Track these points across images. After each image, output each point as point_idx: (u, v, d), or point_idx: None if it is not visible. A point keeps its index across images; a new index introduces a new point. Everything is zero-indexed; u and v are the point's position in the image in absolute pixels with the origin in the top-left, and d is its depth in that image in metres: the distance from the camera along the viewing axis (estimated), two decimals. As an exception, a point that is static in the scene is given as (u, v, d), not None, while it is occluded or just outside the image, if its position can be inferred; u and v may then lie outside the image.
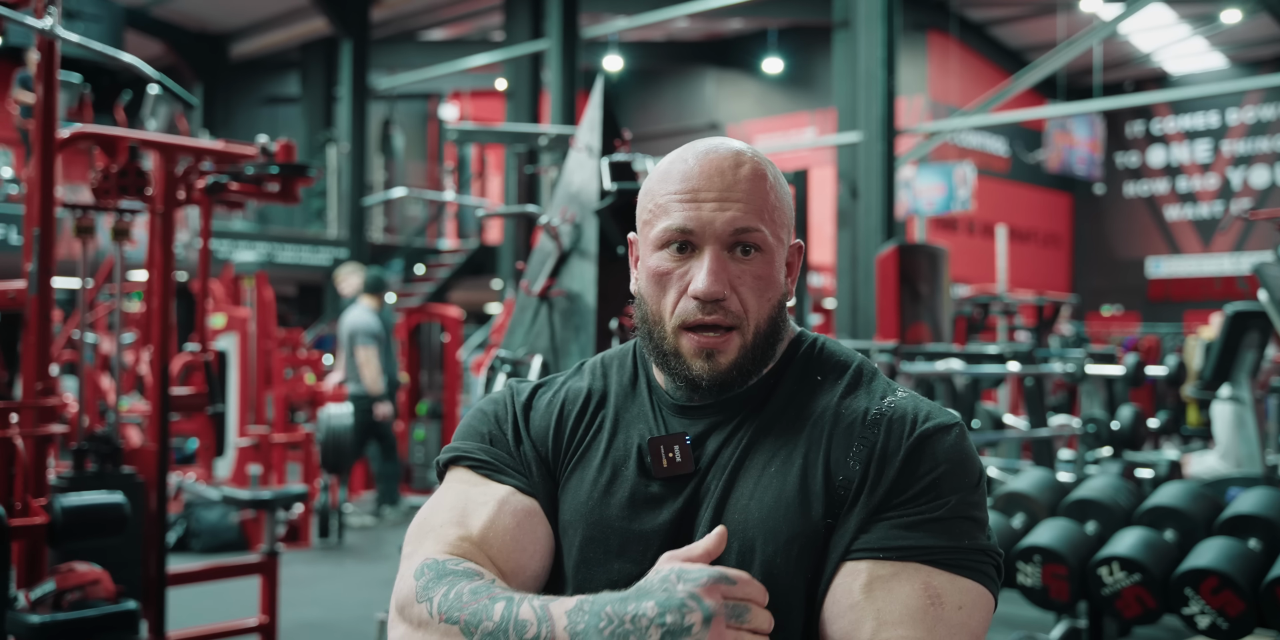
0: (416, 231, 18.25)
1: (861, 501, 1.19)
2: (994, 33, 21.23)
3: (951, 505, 1.19)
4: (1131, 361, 5.57)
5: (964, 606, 1.16)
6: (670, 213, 1.26)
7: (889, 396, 1.27)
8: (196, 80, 19.42)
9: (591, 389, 1.39)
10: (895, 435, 1.22)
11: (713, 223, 1.24)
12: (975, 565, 1.18)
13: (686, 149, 1.32)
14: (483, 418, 1.39)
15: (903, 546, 1.17)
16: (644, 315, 1.31)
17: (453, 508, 1.29)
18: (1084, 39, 13.62)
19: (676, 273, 1.26)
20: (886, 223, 11.17)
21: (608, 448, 1.32)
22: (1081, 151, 19.62)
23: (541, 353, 3.68)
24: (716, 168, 1.26)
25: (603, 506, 1.28)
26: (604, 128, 3.74)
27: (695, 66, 22.57)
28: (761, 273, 1.26)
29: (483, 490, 1.31)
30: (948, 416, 1.25)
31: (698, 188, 1.25)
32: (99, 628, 3.26)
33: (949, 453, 1.21)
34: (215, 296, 9.06)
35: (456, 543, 1.24)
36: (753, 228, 1.24)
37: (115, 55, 3.80)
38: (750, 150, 1.30)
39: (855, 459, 1.21)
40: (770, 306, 1.28)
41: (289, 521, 7.37)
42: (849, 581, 1.17)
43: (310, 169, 4.54)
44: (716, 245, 1.24)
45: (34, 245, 3.80)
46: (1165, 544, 3.77)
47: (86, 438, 4.26)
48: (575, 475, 1.32)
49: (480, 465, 1.33)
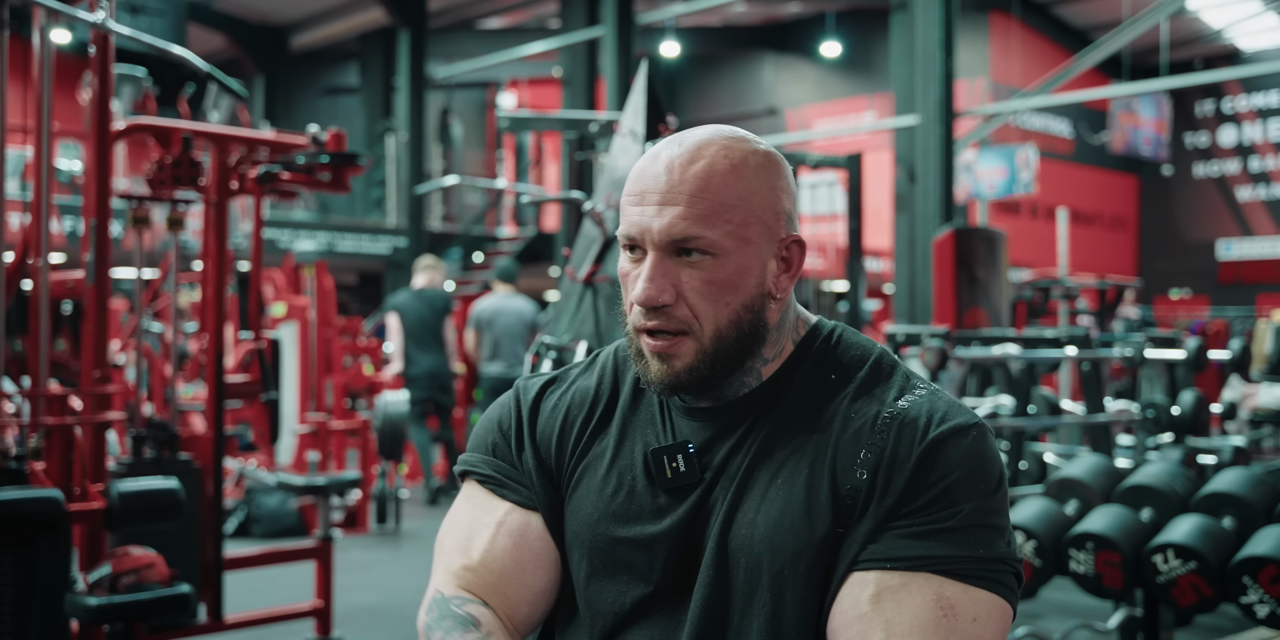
0: (475, 219, 18.36)
1: (870, 511, 1.16)
2: (1058, 12, 20.86)
3: (965, 513, 1.14)
4: (1193, 345, 5.46)
5: (979, 618, 1.12)
6: (625, 215, 1.24)
7: (904, 396, 1.21)
8: (258, 72, 19.66)
9: (600, 390, 1.35)
10: (905, 441, 1.17)
11: (650, 228, 1.20)
12: (991, 575, 1.14)
13: (663, 143, 1.26)
14: (489, 426, 1.38)
15: (913, 556, 1.13)
16: (622, 314, 1.29)
17: (459, 530, 1.33)
18: (1150, 16, 13.34)
19: (632, 275, 1.23)
20: (945, 206, 11.05)
21: (614, 456, 1.30)
22: (1148, 132, 19.21)
23: (587, 339, 3.68)
24: (666, 166, 1.20)
25: (608, 520, 1.26)
26: (648, 113, 3.73)
27: (753, 51, 22.43)
28: (713, 277, 1.20)
29: (485, 510, 1.32)
30: (966, 417, 1.19)
31: (645, 190, 1.21)
32: (153, 610, 3.32)
33: (964, 457, 1.16)
34: (276, 285, 9.18)
35: (460, 573, 1.29)
36: (692, 235, 1.18)
37: (166, 48, 3.84)
38: (727, 139, 1.23)
39: (862, 467, 1.17)
40: (731, 310, 1.21)
41: (347, 508, 7.46)
42: (856, 592, 1.13)
43: (360, 158, 4.57)
44: (656, 251, 1.20)
45: (91, 235, 3.87)
46: (1223, 531, 3.70)
47: (144, 424, 4.34)
48: (582, 484, 1.30)
49: (486, 480, 1.34)
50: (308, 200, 17.24)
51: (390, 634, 5.20)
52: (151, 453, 4.28)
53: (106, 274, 3.90)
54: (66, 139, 12.70)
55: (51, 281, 4.29)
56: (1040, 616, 5.15)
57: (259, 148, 4.57)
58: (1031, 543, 3.88)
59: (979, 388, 6.61)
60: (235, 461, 7.49)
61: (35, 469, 3.50)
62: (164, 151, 4.37)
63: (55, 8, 3.52)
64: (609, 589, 1.25)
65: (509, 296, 8.50)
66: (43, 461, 3.60)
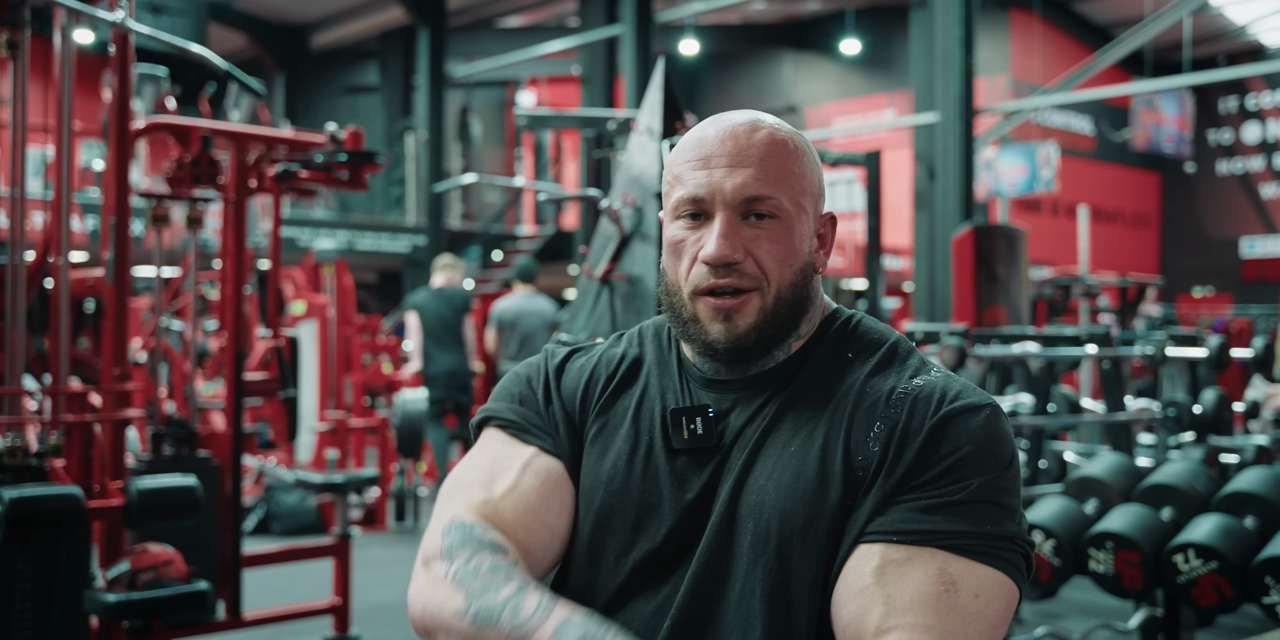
0: (494, 218, 18.39)
1: (879, 483, 1.16)
2: (1079, 8, 20.76)
3: (974, 488, 1.14)
4: (1215, 343, 5.41)
5: (981, 595, 1.11)
6: (684, 181, 1.25)
7: (920, 376, 1.23)
8: (278, 71, 19.74)
9: (626, 354, 1.38)
10: (919, 415, 1.18)
11: (722, 187, 1.22)
12: (997, 552, 1.13)
13: (707, 121, 1.30)
14: (516, 380, 1.40)
15: (918, 530, 1.13)
16: (665, 286, 1.29)
17: (481, 468, 1.31)
18: (1172, 12, 13.26)
19: (690, 240, 1.25)
20: (965, 204, 11.00)
21: (635, 416, 1.31)
22: (1170, 129, 19.09)
23: (603, 336, 3.67)
24: (730, 133, 1.25)
25: (624, 476, 1.27)
26: (665, 110, 3.72)
27: (773, 49, 22.39)
28: (779, 238, 1.23)
29: (510, 452, 1.32)
30: (979, 397, 1.20)
31: (710, 154, 1.24)
32: (171, 607, 3.33)
33: (975, 433, 1.16)
34: (296, 283, 9.21)
35: (482, 505, 1.26)
36: (764, 195, 1.22)
37: (185, 47, 3.86)
38: (774, 120, 1.28)
39: (875, 439, 1.18)
40: (792, 271, 1.25)
41: (366, 505, 7.49)
42: (861, 564, 1.13)
43: (378, 156, 4.58)
44: (727, 211, 1.22)
45: (111, 234, 3.89)
46: (1245, 531, 3.66)
47: (163, 422, 4.36)
48: (600, 440, 1.31)
49: (509, 425, 1.34)
50: (328, 199, 17.30)
51: (408, 632, 5.21)
52: (170, 450, 4.30)
53: (126, 272, 3.92)
54: (90, 138, 12.78)
55: (72, 280, 4.32)
56: (1060, 616, 5.12)
57: (277, 146, 4.58)
58: (1051, 542, 3.85)
59: (999, 386, 6.58)
60: (255, 459, 7.53)
61: (55, 466, 3.52)
62: (183, 150, 4.39)
63: (75, 7, 3.54)
64: (613, 546, 1.26)
65: (531, 296, 8.49)
66: (63, 459, 3.62)
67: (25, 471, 3.37)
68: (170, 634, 4.01)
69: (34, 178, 10.76)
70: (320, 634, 4.83)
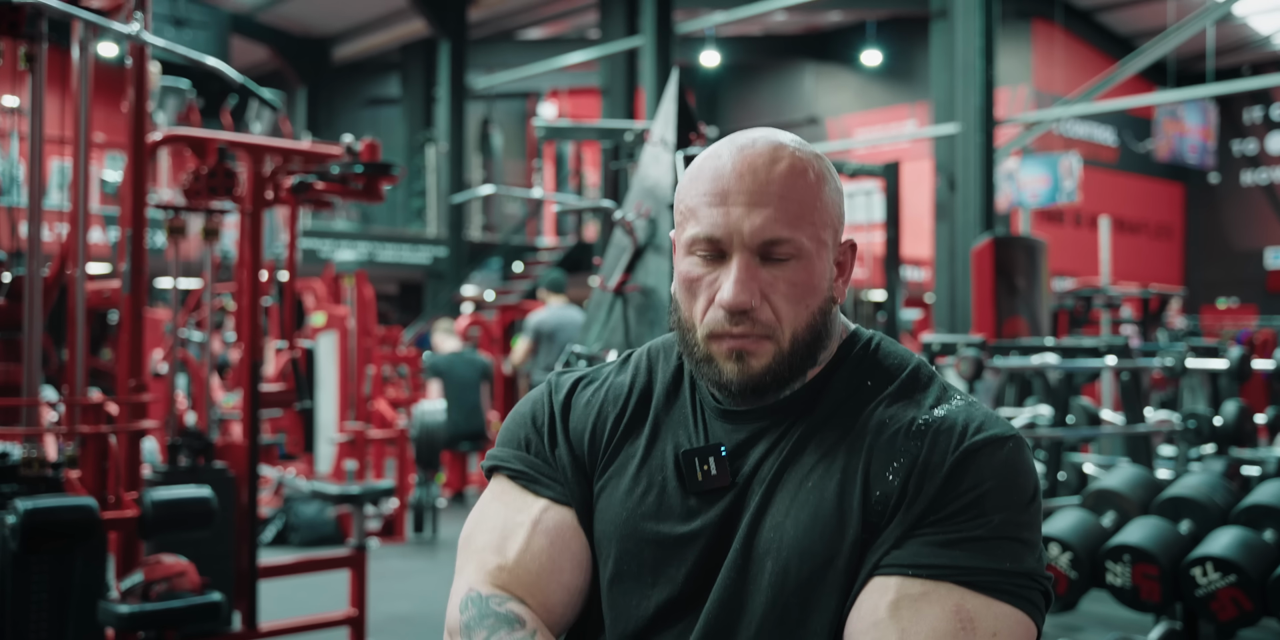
0: (515, 229, 18.43)
1: (899, 517, 1.13)
2: (1101, 19, 20.68)
3: (995, 524, 1.11)
4: (1236, 355, 5.36)
5: (999, 633, 1.08)
6: (699, 217, 1.20)
7: (941, 405, 1.19)
8: (300, 83, 19.86)
9: (634, 388, 1.33)
10: (940, 448, 1.15)
11: (740, 229, 1.17)
12: (1016, 590, 1.10)
13: (722, 143, 1.25)
14: (520, 421, 1.36)
15: (936, 565, 1.10)
16: (678, 319, 1.26)
17: (493, 529, 1.29)
18: (1195, 22, 13.20)
19: (705, 280, 1.20)
20: (985, 215, 10.96)
21: (645, 455, 1.28)
22: (1193, 139, 18.99)
23: (617, 348, 3.67)
24: (749, 165, 1.18)
25: (638, 519, 1.24)
26: (679, 121, 3.72)
27: (794, 60, 22.40)
28: (797, 279, 1.19)
29: (519, 507, 1.29)
30: (1003, 428, 1.17)
31: (727, 190, 1.18)
32: (184, 618, 3.34)
33: (998, 468, 1.13)
34: (316, 295, 9.25)
35: (496, 572, 1.25)
36: (784, 239, 1.17)
37: (200, 60, 3.88)
38: (794, 144, 1.22)
39: (895, 473, 1.15)
40: (810, 314, 1.21)
41: (384, 516, 7.49)
42: (875, 598, 1.11)
43: (394, 167, 4.59)
44: (745, 253, 1.18)
45: (127, 245, 3.91)
46: (1264, 544, 3.62)
47: (179, 433, 4.37)
48: (612, 482, 1.29)
49: (517, 475, 1.31)
50: (348, 210, 17.38)
51: (424, 643, 5.21)
52: (187, 461, 4.32)
53: (143, 283, 3.94)
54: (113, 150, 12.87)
55: (90, 291, 4.35)
56: (1079, 629, 5.07)
57: (294, 158, 4.60)
58: (1067, 555, 3.82)
59: (1018, 397, 6.54)
60: (274, 470, 7.55)
61: (71, 477, 3.54)
62: (200, 162, 4.41)
63: (92, 20, 3.56)
64: (634, 591, 1.23)
65: (565, 307, 8.52)
66: (78, 470, 3.63)
67: (41, 482, 3.39)
68: (185, 645, 4.02)
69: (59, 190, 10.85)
70: (336, 645, 4.83)
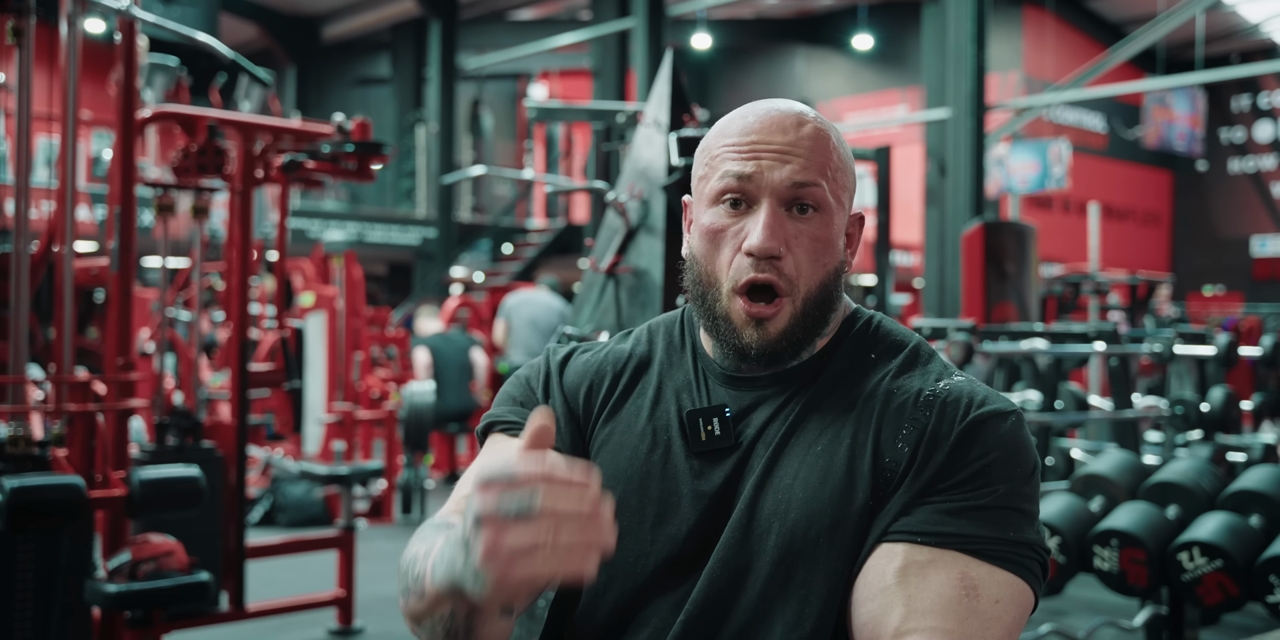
0: (504, 211, 18.38)
1: (906, 484, 1.15)
2: (1092, 5, 20.66)
3: (1000, 494, 1.14)
4: (1223, 341, 5.39)
5: (1001, 600, 1.10)
6: (728, 165, 1.22)
7: (945, 379, 1.22)
8: (290, 63, 19.74)
9: (634, 352, 1.36)
10: (948, 418, 1.17)
11: (771, 174, 1.19)
12: (1017, 559, 1.13)
13: (747, 107, 1.27)
14: (516, 383, 1.38)
15: (943, 532, 1.12)
16: (696, 276, 1.26)
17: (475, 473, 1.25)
18: (1185, 9, 13.20)
19: (731, 230, 1.22)
20: (975, 200, 10.96)
21: (650, 415, 1.29)
22: (1181, 127, 18.99)
23: (608, 329, 3.66)
24: (778, 124, 1.22)
25: (643, 475, 1.25)
26: (672, 102, 3.70)
27: (785, 44, 22.32)
28: (820, 234, 1.21)
29: (506, 448, 1.28)
30: (1005, 403, 1.20)
31: (757, 141, 1.21)
32: (171, 598, 3.33)
33: (1003, 440, 1.16)
34: (305, 275, 9.22)
35: (461, 502, 1.23)
36: (813, 182, 1.20)
37: (191, 36, 3.85)
38: (815, 112, 1.26)
39: (905, 441, 1.17)
40: (825, 273, 1.23)
41: (372, 497, 7.48)
42: (883, 564, 1.13)
43: (385, 147, 4.57)
44: (773, 199, 1.20)
45: (115, 223, 3.89)
46: (1250, 529, 3.65)
47: (167, 412, 4.36)
48: (614, 440, 1.29)
49: (509, 426, 1.32)
50: (338, 190, 17.31)
51: (411, 623, 5.20)
52: (174, 440, 4.30)
53: (131, 261, 3.92)
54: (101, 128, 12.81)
55: (78, 269, 4.32)
56: (1066, 613, 5.10)
57: (284, 136, 4.57)
58: (1056, 539, 3.84)
59: (1006, 383, 6.56)
60: (262, 450, 7.53)
61: (58, 455, 3.52)
62: (189, 140, 4.38)
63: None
64: (632, 549, 1.23)
65: (536, 292, 8.65)
66: (65, 448, 3.61)
67: (28, 461, 3.37)
68: (173, 625, 4.02)
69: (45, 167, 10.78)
70: (324, 626, 4.83)
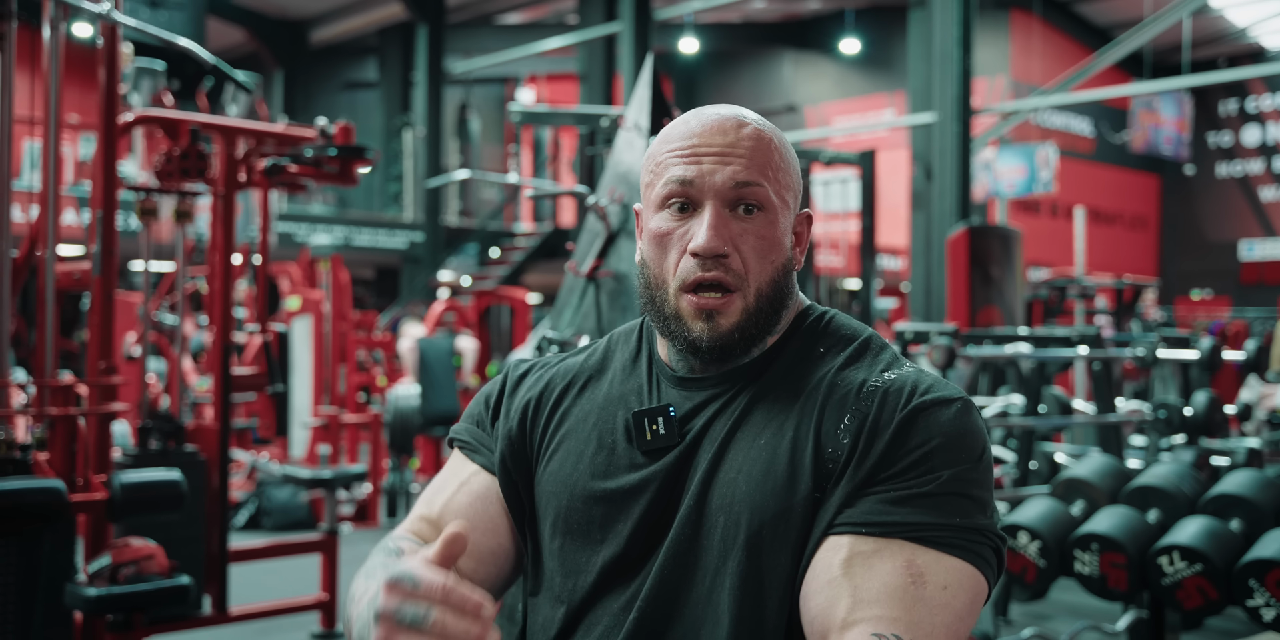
0: (491, 215, 18.37)
1: (849, 475, 1.15)
2: (1079, 9, 20.74)
3: (944, 480, 1.13)
4: (1206, 346, 5.40)
5: (949, 586, 1.10)
6: (671, 170, 1.24)
7: (891, 370, 1.22)
8: (277, 66, 19.71)
9: (586, 365, 1.39)
10: (889, 407, 1.17)
11: (713, 176, 1.21)
12: (966, 544, 1.12)
13: (690, 113, 1.29)
14: (477, 399, 1.44)
15: (886, 522, 1.12)
16: (646, 280, 1.28)
17: (431, 489, 1.39)
18: (1172, 13, 13.25)
19: (677, 233, 1.24)
20: (961, 204, 10.99)
21: (598, 420, 1.31)
22: (1169, 131, 19.06)
23: (589, 333, 3.67)
24: (718, 127, 1.24)
25: (588, 478, 1.27)
26: (653, 106, 3.71)
27: (772, 48, 22.37)
28: (765, 233, 1.23)
29: (455, 471, 1.38)
30: (950, 391, 1.19)
31: (698, 144, 1.23)
32: (152, 601, 3.32)
33: (946, 426, 1.15)
34: (292, 279, 9.20)
35: (416, 522, 1.35)
36: (755, 182, 1.21)
37: (171, 40, 3.85)
38: (755, 115, 1.28)
39: (846, 432, 1.17)
40: (773, 270, 1.25)
41: (357, 501, 7.47)
42: (829, 556, 1.13)
43: (368, 151, 4.57)
44: (717, 201, 1.22)
45: (97, 226, 3.88)
46: (1230, 533, 3.65)
47: (151, 416, 4.35)
48: (561, 449, 1.32)
49: (464, 445, 1.39)
50: (324, 194, 17.27)
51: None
52: (157, 444, 4.29)
53: (113, 265, 3.91)
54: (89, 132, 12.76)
55: (62, 273, 4.31)
56: (1048, 617, 5.12)
57: (267, 140, 4.57)
58: (1036, 543, 3.84)
59: (991, 387, 6.57)
60: (247, 454, 7.52)
61: (39, 459, 3.51)
62: (172, 143, 4.37)
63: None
64: (581, 550, 1.26)
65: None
66: (47, 452, 3.60)
67: (9, 464, 3.36)
68: (154, 628, 4.00)
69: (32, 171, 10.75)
70: (307, 630, 4.82)
